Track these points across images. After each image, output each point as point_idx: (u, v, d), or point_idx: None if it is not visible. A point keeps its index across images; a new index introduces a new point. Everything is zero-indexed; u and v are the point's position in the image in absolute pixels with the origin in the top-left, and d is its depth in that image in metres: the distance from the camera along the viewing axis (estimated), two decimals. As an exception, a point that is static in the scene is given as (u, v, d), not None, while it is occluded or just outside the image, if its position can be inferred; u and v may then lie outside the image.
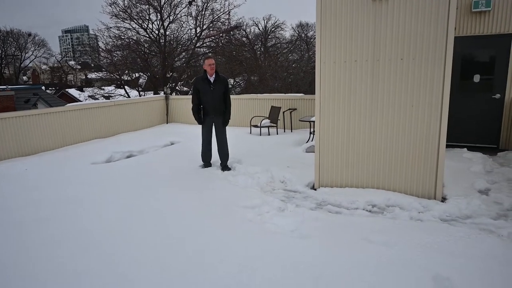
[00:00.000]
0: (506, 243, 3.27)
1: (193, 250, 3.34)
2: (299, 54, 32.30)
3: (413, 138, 4.50)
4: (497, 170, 5.63)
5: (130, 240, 3.59)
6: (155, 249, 3.37)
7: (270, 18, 43.98)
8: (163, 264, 3.11)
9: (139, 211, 4.31)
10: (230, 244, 3.44)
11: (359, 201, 4.51)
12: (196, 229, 3.81)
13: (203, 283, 2.82)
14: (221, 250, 3.33)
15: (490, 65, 7.04)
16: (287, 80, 25.57)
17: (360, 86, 4.66)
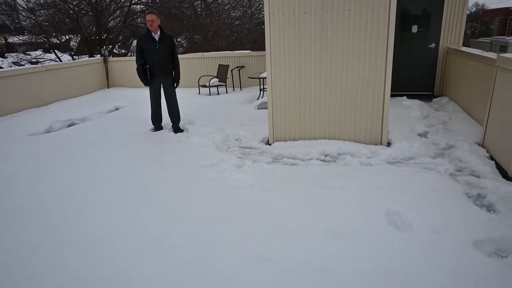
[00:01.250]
0: (443, 177, 3.65)
1: (157, 213, 3.31)
2: (242, 11, 31.33)
3: (360, 88, 4.69)
4: (433, 115, 6.12)
5: (90, 211, 3.45)
6: (119, 219, 3.29)
7: (209, -29, 41.58)
8: (132, 231, 3.05)
9: (97, 182, 4.11)
10: (194, 203, 3.45)
11: (313, 152, 4.69)
12: (157, 193, 3.75)
13: (169, 244, 2.83)
14: (185, 209, 3.33)
15: (426, 15, 7.39)
16: (231, 38, 24.89)
17: (310, 38, 4.67)
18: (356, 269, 2.38)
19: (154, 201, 3.55)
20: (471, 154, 4.23)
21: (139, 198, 3.62)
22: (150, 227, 3.07)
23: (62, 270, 2.55)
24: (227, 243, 2.77)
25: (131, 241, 2.87)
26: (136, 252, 2.72)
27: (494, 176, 3.70)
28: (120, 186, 3.94)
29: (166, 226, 3.06)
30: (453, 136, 4.94)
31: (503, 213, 2.99)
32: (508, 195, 3.26)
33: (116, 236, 2.95)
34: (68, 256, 2.71)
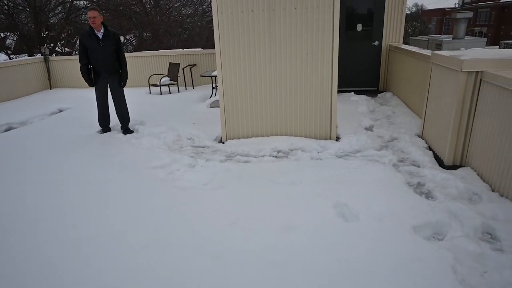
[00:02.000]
0: (387, 168, 3.86)
1: (106, 218, 3.17)
2: (193, 8, 30.86)
3: (309, 85, 4.82)
4: (378, 109, 6.45)
5: (37, 217, 3.22)
6: (67, 226, 3.10)
7: (157, -33, 40.41)
8: (81, 236, 2.89)
9: (41, 189, 3.84)
10: (145, 205, 3.35)
11: (266, 148, 4.74)
12: (105, 197, 3.59)
13: (121, 248, 2.73)
14: (136, 212, 3.22)
15: (370, 15, 7.75)
16: (183, 36, 24.43)
17: (259, 36, 4.71)
18: (308, 262, 2.44)
19: (103, 205, 3.40)
20: (412, 145, 4.51)
21: (88, 203, 3.45)
22: (100, 231, 2.94)
23: (6, 274, 2.37)
24: (181, 244, 2.73)
25: (81, 246, 2.72)
26: (89, 257, 2.59)
27: (432, 165, 3.98)
28: (66, 191, 3.73)
29: (117, 231, 2.95)
30: (396, 129, 5.24)
31: (440, 199, 3.23)
32: (444, 182, 3.52)
33: (66, 242, 2.79)
34: (18, 263, 2.52)
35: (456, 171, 3.79)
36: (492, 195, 3.24)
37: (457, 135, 3.85)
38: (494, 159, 3.33)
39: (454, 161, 3.96)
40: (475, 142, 3.70)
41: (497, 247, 2.56)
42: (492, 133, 3.36)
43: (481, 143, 3.58)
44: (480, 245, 2.55)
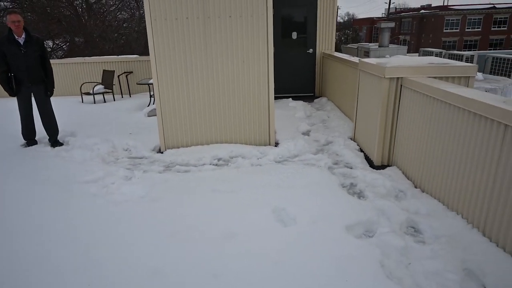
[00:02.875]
0: (323, 171, 4.03)
1: (32, 238, 2.91)
2: (129, 13, 29.79)
3: (247, 92, 4.88)
4: (314, 114, 6.72)
5: None
6: None
7: (89, -31, 38.36)
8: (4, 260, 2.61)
9: None
10: (75, 223, 3.13)
11: (206, 157, 4.70)
12: (32, 216, 3.29)
13: (48, 270, 2.52)
14: (66, 231, 3.00)
15: (303, 24, 8.08)
16: (119, 42, 23.47)
17: (194, 43, 4.68)
18: (246, 269, 2.46)
19: (29, 225, 3.12)
20: (345, 148, 4.76)
21: (11, 223, 3.14)
22: (25, 253, 2.68)
23: None
24: (117, 261, 2.59)
25: (4, 270, 2.46)
26: (12, 282, 2.35)
27: (363, 166, 4.23)
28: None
29: (45, 251, 2.71)
30: (331, 133, 5.50)
31: (370, 198, 3.44)
32: (373, 182, 3.76)
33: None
34: None
35: (384, 170, 4.07)
36: (415, 191, 3.53)
37: (384, 137, 4.14)
38: (414, 158, 3.64)
39: (382, 161, 4.26)
40: (399, 143, 4.01)
41: (420, 240, 2.79)
42: (412, 134, 3.67)
43: (403, 143, 3.89)
44: (404, 239, 2.76)
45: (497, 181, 2.47)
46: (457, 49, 41.44)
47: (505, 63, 7.43)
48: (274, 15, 7.91)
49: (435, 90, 3.18)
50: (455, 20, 41.88)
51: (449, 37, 42.14)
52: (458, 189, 2.94)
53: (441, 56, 8.60)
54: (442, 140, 3.14)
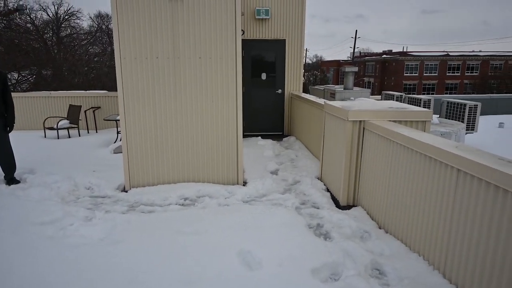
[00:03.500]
0: (290, 212, 4.03)
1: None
2: (101, 47, 29.82)
3: (215, 131, 4.91)
4: (283, 153, 6.81)
5: None
6: None
7: (62, 4, 38.53)
8: None
9: None
10: (27, 269, 2.90)
11: (172, 196, 4.60)
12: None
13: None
14: (15, 278, 2.76)
15: (272, 65, 8.39)
16: (90, 76, 23.26)
17: (164, 82, 4.71)
18: (208, 318, 2.35)
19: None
20: (312, 187, 4.82)
21: None
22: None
23: None
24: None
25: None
26: None
27: (329, 206, 4.27)
28: None
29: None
30: (299, 172, 5.57)
31: (336, 239, 3.45)
32: (339, 222, 3.79)
33: None
34: None
35: (349, 210, 4.13)
36: (379, 232, 3.58)
37: (348, 178, 4.24)
38: (378, 199, 3.73)
39: (348, 201, 4.33)
40: (363, 184, 4.11)
41: (384, 282, 2.80)
42: (374, 175, 3.79)
43: (367, 184, 3.99)
44: (369, 282, 2.76)
45: (453, 223, 2.57)
46: (417, 92, 44.23)
47: (458, 108, 7.98)
48: (244, 57, 8.19)
49: (394, 134, 3.34)
50: (414, 65, 44.99)
51: (409, 80, 45.01)
52: (418, 231, 3.01)
53: (401, 99, 9.13)
54: (402, 182, 3.25)
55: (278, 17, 8.10)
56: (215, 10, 4.56)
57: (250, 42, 8.15)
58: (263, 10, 7.91)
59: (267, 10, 7.92)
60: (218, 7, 4.55)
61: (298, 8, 8.10)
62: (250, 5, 7.99)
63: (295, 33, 8.22)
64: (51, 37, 28.99)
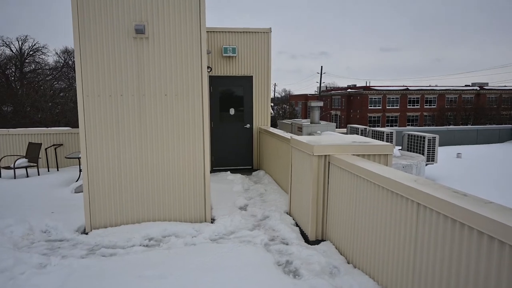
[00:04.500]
0: (258, 249, 3.94)
1: None
2: (67, 83, 29.28)
3: (182, 168, 4.82)
4: (252, 188, 6.77)
5: None
6: None
7: (27, 39, 37.93)
8: None
9: None
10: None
11: (136, 237, 4.39)
12: None
13: None
14: None
15: (240, 100, 8.51)
16: (54, 111, 22.58)
17: (128, 120, 4.63)
18: None
19: None
20: (281, 223, 4.77)
21: None
22: None
23: None
24: None
25: None
26: None
27: (298, 242, 4.22)
28: None
29: None
30: (268, 207, 5.52)
31: (305, 276, 3.38)
32: (308, 258, 3.74)
33: None
34: None
35: (318, 245, 4.10)
36: (347, 267, 3.55)
37: (316, 212, 4.24)
38: (345, 233, 3.74)
39: (317, 236, 4.30)
40: (330, 218, 4.12)
41: (354, 321, 2.74)
42: (340, 209, 3.82)
43: (334, 218, 4.00)
44: (339, 321, 2.69)
45: (417, 257, 2.60)
46: (381, 124, 46.14)
47: (418, 140, 8.37)
48: (212, 93, 8.29)
49: (357, 168, 3.41)
50: (377, 99, 47.22)
51: (373, 113, 47.00)
52: (385, 265, 3.02)
53: (366, 132, 9.45)
54: (366, 216, 3.29)
55: (245, 55, 8.34)
56: (181, 48, 4.63)
57: (218, 78, 8.28)
58: (230, 48, 8.13)
59: (234, 48, 8.14)
60: (183, 44, 4.62)
61: (264, 46, 8.40)
62: (218, 43, 8.20)
63: (261, 70, 8.46)
64: (13, 73, 28.22)
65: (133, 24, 4.49)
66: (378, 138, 8.96)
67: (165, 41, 4.59)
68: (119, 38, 4.50)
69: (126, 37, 4.52)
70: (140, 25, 4.47)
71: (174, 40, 4.60)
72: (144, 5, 4.49)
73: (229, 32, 8.24)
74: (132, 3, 4.46)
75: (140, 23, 4.51)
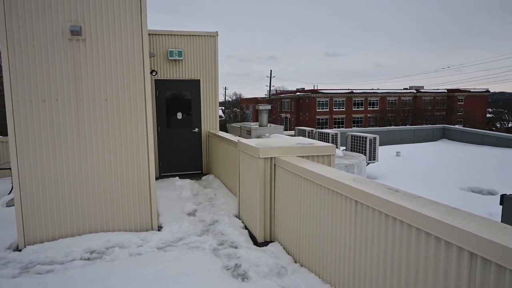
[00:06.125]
0: (206, 255, 3.89)
1: None
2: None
3: (125, 175, 4.63)
4: (201, 192, 6.69)
5: None
6: None
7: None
8: None
9: None
10: None
11: (76, 251, 4.13)
12: None
13: None
14: None
15: (188, 104, 8.39)
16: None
17: (65, 127, 4.36)
18: None
19: None
20: (230, 226, 4.76)
21: None
22: None
23: None
24: None
25: None
26: None
27: (247, 245, 4.24)
28: None
29: None
30: (217, 211, 5.48)
31: (253, 278, 3.40)
32: (257, 260, 3.77)
33: None
34: None
35: (267, 247, 4.14)
36: (295, 267, 3.63)
37: (264, 214, 4.29)
38: (291, 233, 3.82)
39: (265, 237, 4.35)
40: (278, 219, 4.19)
41: (300, 319, 2.80)
42: (287, 210, 3.89)
43: (281, 219, 4.07)
44: (285, 320, 2.73)
45: (357, 252, 2.72)
46: (329, 125, 47.98)
47: (360, 140, 8.81)
48: (158, 97, 8.08)
49: (300, 169, 3.51)
50: (324, 102, 49.07)
51: (321, 115, 48.76)
52: (329, 262, 3.12)
53: (312, 134, 9.77)
54: (311, 216, 3.39)
55: (192, 58, 8.24)
56: (121, 50, 4.45)
57: (165, 82, 8.09)
58: (176, 52, 7.98)
59: (180, 51, 8.01)
60: (124, 47, 4.46)
61: (211, 50, 8.35)
62: (163, 47, 8.01)
63: (209, 74, 8.40)
64: None
65: (68, 25, 4.25)
66: (324, 140, 9.30)
67: (104, 43, 4.40)
68: (52, 39, 4.23)
69: (61, 38, 4.26)
70: (76, 26, 4.24)
71: (114, 43, 4.42)
72: (80, 5, 4.27)
73: (175, 35, 8.10)
74: (67, 3, 4.22)
75: (76, 24, 4.28)
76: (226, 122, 26.34)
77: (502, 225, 1.89)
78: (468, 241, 1.79)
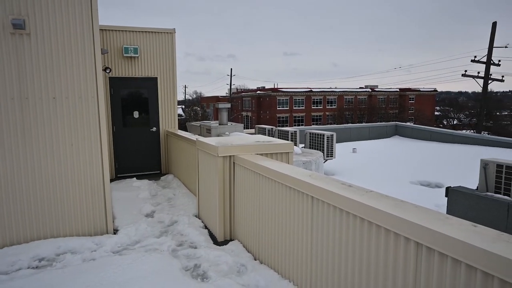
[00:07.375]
0: (164, 257, 3.80)
1: None
2: None
3: (77, 177, 4.41)
4: (160, 193, 6.53)
5: None
6: None
7: None
8: None
9: None
10: None
11: (22, 259, 3.87)
12: None
13: None
14: None
15: (145, 103, 8.14)
16: None
17: (8, 127, 4.06)
18: None
19: None
20: (190, 226, 4.68)
21: None
22: None
23: None
24: None
25: None
26: None
27: (207, 244, 4.20)
28: None
29: None
30: (176, 211, 5.37)
31: (213, 278, 3.37)
32: (216, 259, 3.74)
33: None
34: None
35: (227, 246, 4.13)
36: (254, 264, 3.65)
37: (223, 212, 4.27)
38: (251, 231, 3.83)
39: (225, 236, 4.33)
40: (237, 217, 4.19)
41: (259, 315, 2.82)
42: (246, 207, 3.90)
43: (241, 217, 4.08)
44: (245, 318, 2.74)
45: (313, 247, 2.78)
46: (289, 123, 48.74)
47: (318, 138, 9.04)
48: (113, 95, 7.78)
49: (258, 167, 3.53)
50: (284, 100, 49.77)
51: (281, 113, 49.42)
52: (287, 258, 3.17)
53: (272, 132, 9.86)
54: (269, 213, 3.42)
55: (148, 56, 8.00)
56: (70, 46, 4.22)
57: (120, 80, 7.80)
58: (131, 48, 7.72)
59: (135, 48, 7.75)
60: (73, 42, 4.23)
61: (168, 47, 8.16)
62: (118, 43, 7.71)
63: (167, 71, 8.21)
64: None
65: (10, 18, 3.96)
66: (284, 137, 9.42)
67: (51, 38, 4.14)
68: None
69: (2, 32, 3.96)
70: (18, 19, 3.96)
71: (62, 37, 4.18)
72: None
73: (130, 31, 7.82)
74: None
75: (19, 17, 4.00)
76: (187, 121, 25.93)
77: (444, 215, 2.01)
78: (414, 231, 1.89)
